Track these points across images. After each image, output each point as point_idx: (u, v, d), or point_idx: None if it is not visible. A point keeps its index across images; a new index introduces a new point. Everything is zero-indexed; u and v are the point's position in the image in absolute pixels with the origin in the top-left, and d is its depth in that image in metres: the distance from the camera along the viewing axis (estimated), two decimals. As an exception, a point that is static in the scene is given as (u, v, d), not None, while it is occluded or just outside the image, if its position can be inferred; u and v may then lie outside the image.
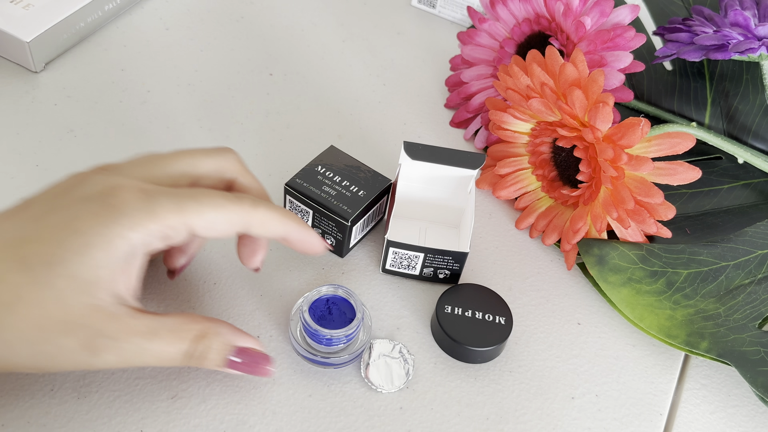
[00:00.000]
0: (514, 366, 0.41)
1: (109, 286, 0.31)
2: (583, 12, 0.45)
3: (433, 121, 0.54)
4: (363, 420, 0.37)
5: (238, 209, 0.33)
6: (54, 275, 0.30)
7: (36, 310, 0.29)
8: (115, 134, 0.49)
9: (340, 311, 0.39)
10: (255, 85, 0.54)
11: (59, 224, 0.31)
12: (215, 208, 0.33)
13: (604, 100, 0.40)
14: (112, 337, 0.31)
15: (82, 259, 0.30)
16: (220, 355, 0.34)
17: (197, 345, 0.33)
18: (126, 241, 0.31)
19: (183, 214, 0.32)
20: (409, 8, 0.64)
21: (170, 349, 0.32)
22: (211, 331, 0.33)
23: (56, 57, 0.53)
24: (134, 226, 0.31)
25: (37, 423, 0.34)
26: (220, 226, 0.33)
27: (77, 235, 0.30)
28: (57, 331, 0.30)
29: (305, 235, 0.36)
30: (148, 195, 0.32)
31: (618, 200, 0.41)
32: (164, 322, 0.32)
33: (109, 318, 0.31)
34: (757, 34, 0.45)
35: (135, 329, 0.31)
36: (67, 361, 0.31)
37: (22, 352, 0.30)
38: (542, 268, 0.46)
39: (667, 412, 0.40)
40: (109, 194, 0.31)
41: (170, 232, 0.32)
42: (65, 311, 0.30)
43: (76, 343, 0.30)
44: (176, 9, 0.59)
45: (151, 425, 0.35)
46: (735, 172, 0.51)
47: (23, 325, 0.29)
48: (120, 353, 0.31)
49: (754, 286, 0.43)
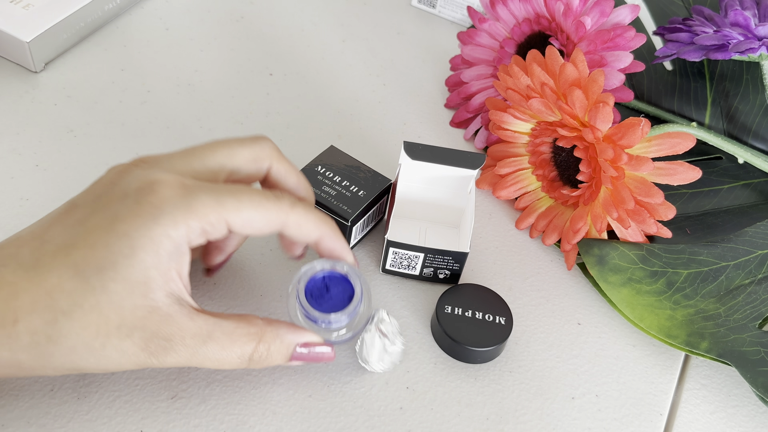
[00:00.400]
0: (514, 366, 0.41)
1: (162, 286, 0.31)
2: (584, 12, 0.45)
3: (433, 121, 0.54)
4: (363, 420, 0.37)
5: (275, 208, 0.34)
6: (107, 279, 0.30)
7: (93, 315, 0.30)
8: (115, 134, 0.49)
9: (339, 288, 0.37)
10: (255, 85, 0.54)
11: (104, 226, 0.31)
12: (253, 205, 0.33)
13: (605, 100, 0.40)
14: (168, 339, 0.31)
15: (130, 262, 0.30)
16: (282, 356, 0.34)
17: (255, 350, 0.33)
18: (170, 240, 0.31)
19: (222, 211, 0.32)
20: (409, 8, 0.64)
21: (226, 353, 0.32)
22: (268, 334, 0.34)
23: (56, 57, 0.53)
24: (175, 224, 0.31)
25: (37, 423, 0.34)
26: (258, 224, 0.33)
27: (124, 238, 0.30)
28: (115, 335, 0.30)
29: (337, 244, 0.36)
30: (188, 191, 0.32)
31: (618, 200, 0.41)
32: (221, 325, 0.32)
33: (165, 319, 0.31)
34: (757, 34, 0.45)
35: (190, 331, 0.31)
36: (130, 362, 0.31)
37: (87, 357, 0.30)
38: (542, 268, 0.46)
39: (667, 412, 0.40)
40: (148, 191, 0.31)
41: (209, 228, 0.32)
42: (121, 315, 0.30)
43: (135, 346, 0.31)
44: (176, 9, 0.59)
45: (151, 425, 0.35)
46: (735, 172, 0.51)
47: (84, 331, 0.30)
48: (177, 356, 0.31)
49: (755, 286, 0.43)
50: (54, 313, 0.29)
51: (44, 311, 0.29)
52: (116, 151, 0.48)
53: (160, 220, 0.31)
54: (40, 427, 0.34)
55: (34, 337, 0.29)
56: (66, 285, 0.30)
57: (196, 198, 0.32)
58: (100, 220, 0.31)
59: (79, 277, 0.30)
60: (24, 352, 0.30)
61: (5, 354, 0.30)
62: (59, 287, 0.30)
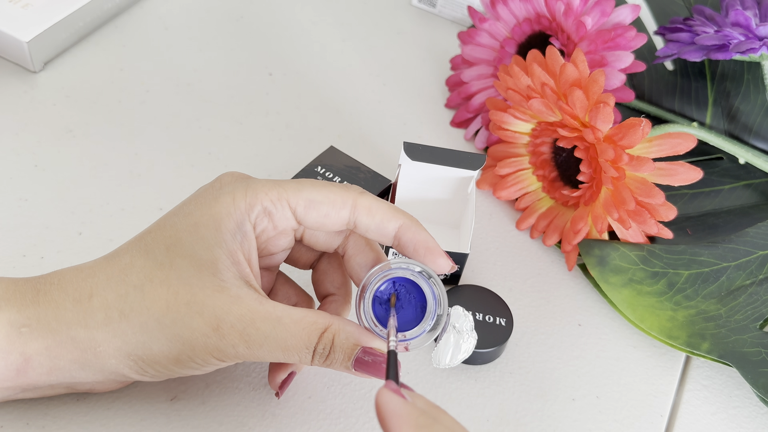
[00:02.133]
0: (515, 367, 0.41)
1: (229, 267, 0.31)
2: (584, 12, 0.45)
3: (434, 121, 0.54)
4: (363, 422, 0.37)
5: (341, 190, 0.33)
6: (174, 255, 0.31)
7: (163, 289, 0.30)
8: (114, 134, 0.49)
9: (409, 296, 0.33)
10: (254, 84, 0.54)
11: (174, 211, 0.33)
12: (315, 187, 0.33)
13: (605, 100, 0.40)
14: (239, 319, 0.30)
15: (194, 239, 0.31)
16: (346, 354, 0.32)
17: (320, 340, 0.31)
18: (230, 218, 0.31)
19: (281, 191, 0.32)
20: (410, 8, 0.64)
21: (293, 341, 0.31)
22: (335, 326, 0.32)
23: (55, 57, 0.53)
24: (234, 201, 0.31)
25: (36, 425, 0.34)
26: (323, 208, 0.32)
27: (188, 217, 0.32)
28: (185, 312, 0.30)
29: (422, 236, 0.33)
30: (247, 177, 0.33)
31: (619, 201, 0.41)
32: (289, 312, 0.31)
33: (234, 300, 0.30)
34: (758, 34, 0.44)
35: (260, 314, 0.31)
36: (202, 346, 0.30)
37: (159, 336, 0.30)
38: (543, 269, 0.46)
39: (668, 413, 0.40)
40: (214, 181, 0.34)
41: (271, 207, 0.32)
42: (190, 291, 0.30)
43: (205, 325, 0.30)
44: (175, 8, 0.59)
45: (150, 427, 0.35)
46: (736, 173, 0.51)
47: (154, 306, 0.30)
48: (248, 339, 0.30)
49: (755, 287, 0.43)
50: (126, 287, 0.31)
51: (117, 285, 0.31)
52: (115, 151, 0.48)
53: (220, 198, 0.32)
54: (39, 428, 0.34)
55: (108, 312, 0.30)
56: (137, 262, 0.31)
57: (255, 181, 0.33)
58: (174, 209, 0.33)
59: (149, 254, 0.31)
60: (99, 330, 0.30)
61: (82, 333, 0.30)
62: (131, 264, 0.31)
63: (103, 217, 0.44)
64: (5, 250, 0.41)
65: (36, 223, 0.43)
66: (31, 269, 0.40)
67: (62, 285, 0.31)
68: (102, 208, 0.44)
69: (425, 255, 0.33)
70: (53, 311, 0.30)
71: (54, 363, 0.31)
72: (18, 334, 0.30)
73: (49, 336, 0.30)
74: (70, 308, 0.30)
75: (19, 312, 0.30)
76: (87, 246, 0.42)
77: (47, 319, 0.30)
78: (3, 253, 0.41)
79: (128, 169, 0.47)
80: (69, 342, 0.30)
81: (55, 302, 0.31)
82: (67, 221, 0.43)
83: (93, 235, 0.42)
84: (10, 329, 0.30)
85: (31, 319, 0.30)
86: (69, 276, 0.32)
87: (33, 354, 0.30)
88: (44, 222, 0.43)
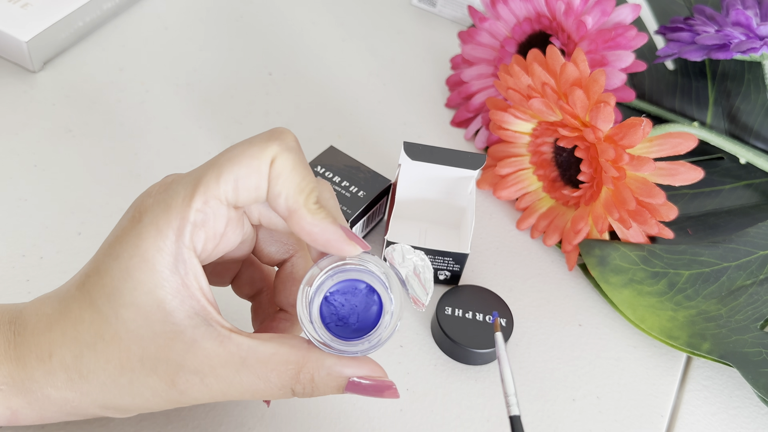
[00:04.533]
0: (515, 368, 0.40)
1: (178, 307, 0.28)
2: (585, 11, 0.45)
3: (434, 121, 0.54)
4: (363, 422, 0.37)
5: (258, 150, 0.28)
6: (117, 306, 0.28)
7: (115, 347, 0.28)
8: (113, 134, 0.49)
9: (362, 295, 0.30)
10: (254, 84, 0.54)
11: (105, 249, 0.29)
12: (232, 159, 0.28)
13: (606, 99, 0.40)
14: (195, 371, 0.27)
15: (131, 286, 0.27)
16: (331, 388, 0.29)
17: (297, 381, 0.28)
18: (162, 253, 0.27)
19: (201, 188, 0.28)
20: (409, 7, 0.64)
21: (263, 385, 0.28)
22: (311, 363, 0.28)
23: (54, 56, 0.53)
24: (159, 233, 0.27)
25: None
26: (251, 181, 0.28)
27: (118, 260, 0.28)
28: (140, 370, 0.28)
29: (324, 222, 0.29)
30: (165, 189, 0.29)
31: (619, 201, 0.41)
32: (255, 351, 0.28)
33: (189, 347, 0.27)
34: (758, 33, 0.44)
35: (220, 359, 0.28)
36: (163, 401, 0.28)
37: (121, 395, 0.28)
38: (543, 269, 0.46)
39: (668, 413, 0.40)
40: (137, 203, 0.29)
41: (201, 217, 0.28)
42: (141, 345, 0.27)
43: (160, 382, 0.28)
44: (175, 8, 0.59)
45: (150, 427, 0.35)
46: (737, 173, 0.50)
47: (108, 365, 0.28)
48: (208, 390, 0.28)
49: (756, 287, 0.42)
50: (80, 346, 0.28)
51: (72, 344, 0.28)
52: (115, 151, 0.47)
53: (143, 234, 0.28)
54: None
55: (68, 373, 0.28)
56: (85, 315, 0.28)
57: (173, 193, 0.28)
58: (106, 242, 0.29)
59: (94, 306, 0.28)
60: (66, 390, 0.28)
61: (53, 392, 0.29)
62: (80, 319, 0.28)
63: (103, 217, 0.43)
64: (4, 250, 0.41)
65: (35, 223, 0.42)
66: (30, 269, 0.40)
67: (25, 338, 0.29)
68: (101, 208, 0.44)
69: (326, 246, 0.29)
70: (23, 370, 0.29)
71: (40, 414, 0.30)
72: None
73: (27, 394, 0.29)
74: (36, 367, 0.29)
75: None
76: (86, 246, 0.42)
77: (21, 378, 0.29)
78: (2, 253, 0.41)
79: (128, 169, 0.47)
80: (45, 400, 0.29)
81: (22, 359, 0.29)
82: (67, 221, 0.43)
83: (92, 235, 0.42)
84: None
85: (6, 377, 0.29)
86: (30, 325, 0.29)
87: (18, 408, 0.29)
88: (43, 222, 0.43)
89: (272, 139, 0.28)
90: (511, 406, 0.29)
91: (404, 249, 0.31)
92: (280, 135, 0.29)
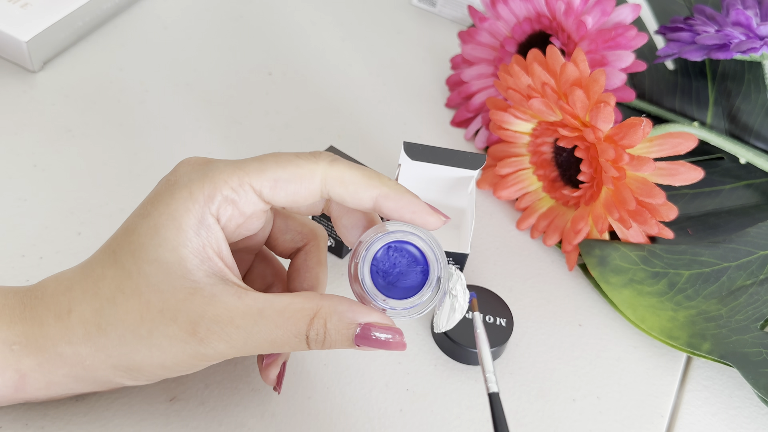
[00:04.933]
0: (515, 368, 0.40)
1: (199, 266, 0.29)
2: (585, 11, 0.45)
3: (434, 121, 0.54)
4: (363, 422, 0.37)
5: (307, 163, 0.30)
6: (140, 262, 0.29)
7: (135, 300, 0.29)
8: (113, 134, 0.49)
9: (410, 261, 0.31)
10: (254, 84, 0.54)
11: (136, 213, 0.31)
12: (279, 163, 0.30)
13: (606, 99, 0.40)
14: (215, 320, 0.29)
15: (157, 242, 0.29)
16: (343, 336, 0.30)
17: (311, 327, 0.29)
18: (190, 214, 0.29)
19: (242, 174, 0.30)
20: (409, 7, 0.64)
21: (280, 332, 0.29)
22: (325, 309, 0.30)
23: (54, 56, 0.53)
24: (191, 195, 0.29)
25: (35, 425, 0.34)
26: (291, 186, 0.30)
27: (147, 218, 0.30)
28: (159, 320, 0.29)
29: (403, 200, 0.31)
30: (206, 162, 0.31)
31: (619, 201, 0.41)
32: (272, 302, 0.29)
33: (208, 300, 0.29)
34: (759, 33, 0.44)
35: (239, 311, 0.29)
36: (181, 352, 0.29)
37: (138, 347, 0.29)
38: (543, 269, 0.46)
39: (668, 413, 0.40)
40: (172, 172, 0.31)
41: (232, 195, 0.30)
42: (162, 298, 0.29)
43: (181, 331, 0.29)
44: (175, 8, 0.59)
45: (150, 427, 0.35)
46: (737, 173, 0.50)
47: (129, 317, 0.29)
48: (228, 339, 0.29)
49: (756, 287, 0.42)
50: (100, 300, 0.30)
51: (92, 299, 0.30)
52: (115, 151, 0.47)
53: (176, 194, 0.30)
54: (38, 429, 0.34)
55: (86, 327, 0.29)
56: (107, 272, 0.30)
57: (214, 167, 0.30)
58: (139, 206, 0.31)
59: (117, 263, 0.30)
60: (82, 345, 0.30)
61: (67, 349, 0.30)
62: (102, 276, 0.30)
63: (102, 217, 0.43)
64: (4, 251, 0.41)
65: (35, 223, 0.42)
66: (30, 269, 0.40)
67: (44, 300, 0.31)
68: (101, 208, 0.44)
69: (412, 218, 0.31)
70: (39, 328, 0.30)
71: (48, 378, 0.30)
72: (10, 351, 0.30)
73: (39, 353, 0.30)
74: (53, 324, 0.30)
75: (8, 329, 0.30)
76: (86, 246, 0.42)
77: (35, 336, 0.30)
78: (2, 253, 0.41)
79: (128, 169, 0.46)
80: (57, 358, 0.30)
81: (39, 319, 0.30)
82: (66, 221, 0.43)
83: (92, 235, 0.42)
84: (3, 346, 0.30)
85: (20, 336, 0.30)
86: (50, 289, 0.31)
87: (27, 370, 0.30)
88: (43, 222, 0.43)
89: (318, 156, 0.31)
90: (490, 383, 0.30)
91: (460, 279, 0.32)
92: (324, 153, 0.31)
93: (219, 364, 0.37)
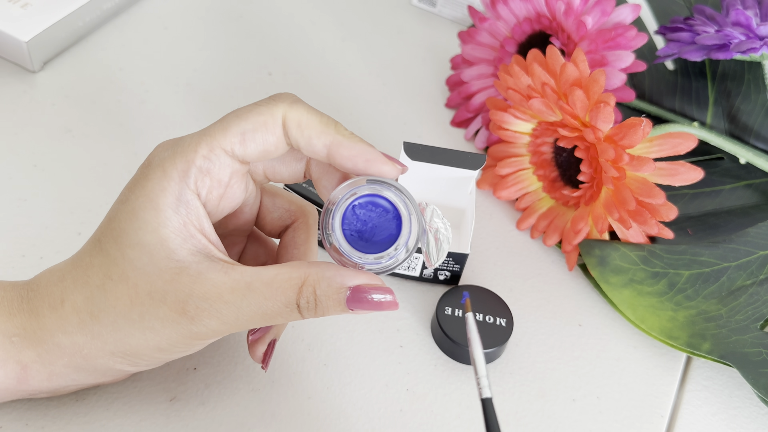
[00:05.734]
0: (515, 368, 0.40)
1: (182, 245, 0.29)
2: (585, 11, 0.45)
3: (434, 121, 0.54)
4: (363, 422, 0.37)
5: (268, 110, 0.30)
6: (124, 247, 0.29)
7: (123, 285, 0.29)
8: (113, 134, 0.49)
9: (381, 213, 0.31)
10: (254, 84, 0.54)
11: (117, 200, 0.31)
12: (240, 117, 0.30)
13: (606, 100, 0.40)
14: (204, 298, 0.29)
15: (137, 225, 0.29)
16: (333, 301, 0.30)
17: (300, 295, 0.29)
18: (165, 193, 0.29)
19: (209, 139, 0.30)
20: (409, 7, 0.64)
21: (270, 303, 0.29)
22: (312, 276, 0.30)
23: (54, 56, 0.53)
24: (165, 172, 0.29)
25: (36, 425, 0.34)
26: (258, 136, 0.30)
27: (125, 204, 0.30)
28: (149, 303, 0.29)
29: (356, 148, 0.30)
30: (175, 141, 0.31)
31: (619, 201, 0.41)
32: (259, 274, 0.29)
33: (195, 278, 0.29)
34: (758, 33, 0.44)
35: (227, 286, 0.29)
36: (174, 333, 0.29)
37: (132, 332, 0.30)
38: (543, 270, 0.46)
39: (668, 413, 0.40)
40: (147, 158, 0.31)
41: (205, 164, 0.30)
42: (149, 281, 0.29)
43: (170, 311, 0.29)
44: (175, 8, 0.59)
45: (150, 427, 0.35)
46: (737, 173, 0.50)
47: (119, 303, 0.29)
48: (219, 315, 0.29)
49: (756, 287, 0.42)
50: (90, 288, 0.30)
51: (83, 288, 0.30)
52: (115, 151, 0.47)
53: (150, 175, 0.30)
54: (38, 429, 0.34)
55: (80, 316, 0.30)
56: (95, 261, 0.30)
57: (182, 141, 0.30)
58: (117, 197, 0.31)
59: (103, 251, 0.30)
60: (77, 334, 0.30)
61: (64, 339, 0.30)
62: (90, 264, 0.30)
63: (102, 216, 0.43)
64: (4, 251, 0.41)
65: (35, 223, 0.42)
66: (30, 269, 0.40)
67: (39, 291, 0.31)
68: (101, 208, 0.44)
69: (366, 167, 0.31)
70: (36, 320, 0.30)
71: (50, 369, 0.31)
72: (11, 344, 0.30)
73: (38, 344, 0.30)
74: (48, 315, 0.30)
75: (8, 321, 0.30)
76: (86, 246, 0.42)
77: (33, 328, 0.30)
78: (2, 253, 0.41)
79: (128, 169, 0.46)
80: (56, 348, 0.30)
81: (35, 310, 0.31)
82: (67, 221, 0.43)
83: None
84: (3, 339, 0.30)
85: (19, 328, 0.30)
86: (44, 281, 0.31)
87: (29, 362, 0.30)
88: (43, 222, 0.43)
89: (278, 99, 0.31)
90: (483, 388, 0.30)
91: (435, 212, 0.32)
92: (284, 95, 0.31)
93: (219, 364, 0.37)
